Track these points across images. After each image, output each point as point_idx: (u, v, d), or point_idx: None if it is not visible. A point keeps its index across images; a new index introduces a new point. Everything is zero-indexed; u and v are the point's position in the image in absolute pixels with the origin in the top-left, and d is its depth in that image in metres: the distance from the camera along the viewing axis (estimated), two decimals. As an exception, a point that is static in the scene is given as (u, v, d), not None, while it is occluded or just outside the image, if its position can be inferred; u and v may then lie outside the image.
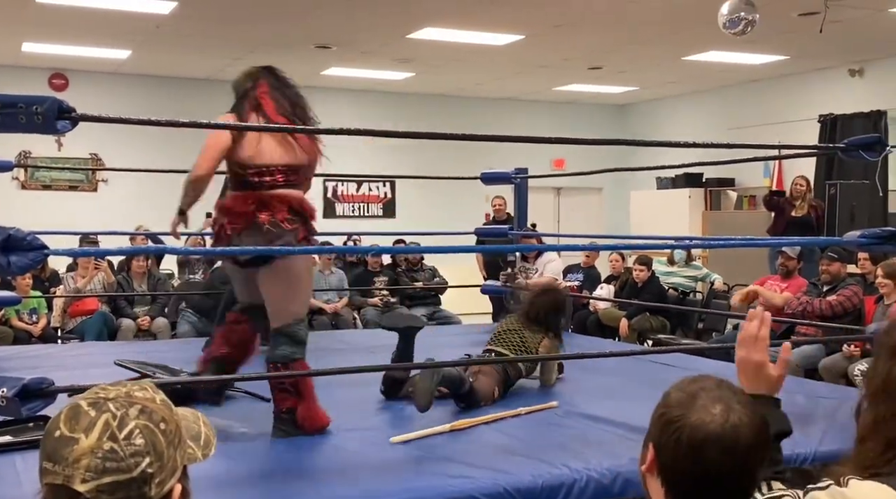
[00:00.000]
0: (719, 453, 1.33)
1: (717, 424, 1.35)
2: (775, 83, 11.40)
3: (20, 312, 7.20)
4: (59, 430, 1.07)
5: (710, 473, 1.34)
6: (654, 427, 1.43)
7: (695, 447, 1.34)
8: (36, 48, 9.68)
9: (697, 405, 1.38)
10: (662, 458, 1.38)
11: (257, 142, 3.30)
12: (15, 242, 2.41)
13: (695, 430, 1.35)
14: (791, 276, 6.56)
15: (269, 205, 3.26)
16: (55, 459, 1.06)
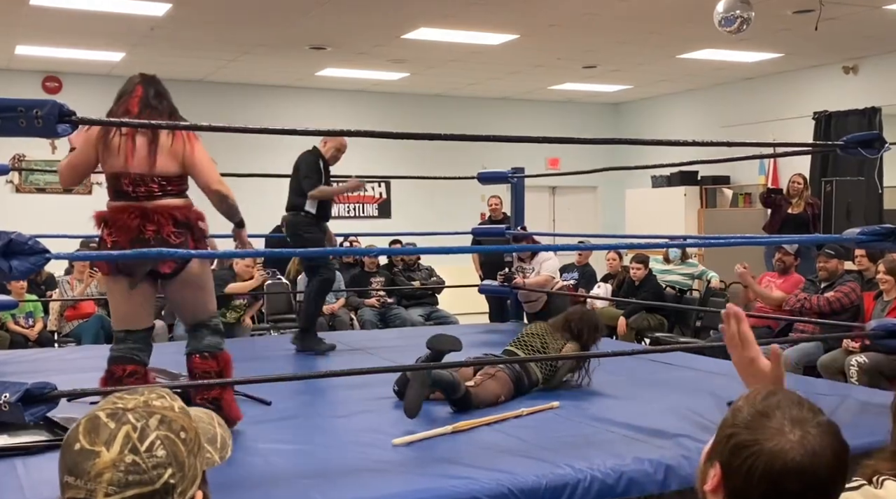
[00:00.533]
0: (799, 484, 1.23)
1: (796, 452, 1.23)
2: (769, 81, 11.42)
3: (16, 316, 7.17)
4: (78, 443, 1.06)
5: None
6: (720, 446, 1.31)
7: (772, 479, 1.23)
8: (29, 51, 9.64)
9: (771, 429, 1.26)
10: (732, 483, 1.28)
11: (128, 149, 3.26)
12: (16, 246, 2.39)
13: (772, 459, 1.24)
14: (788, 272, 6.58)
15: (151, 218, 3.25)
16: (77, 473, 1.04)
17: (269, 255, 7.80)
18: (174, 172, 3.33)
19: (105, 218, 3.33)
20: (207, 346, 3.42)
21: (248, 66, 10.67)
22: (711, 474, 1.31)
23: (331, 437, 3.36)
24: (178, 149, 3.33)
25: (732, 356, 1.66)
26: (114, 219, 3.28)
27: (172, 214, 3.29)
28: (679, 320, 8.08)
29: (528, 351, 4.26)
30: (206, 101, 11.56)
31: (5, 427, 3.10)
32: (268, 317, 8.56)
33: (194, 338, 3.44)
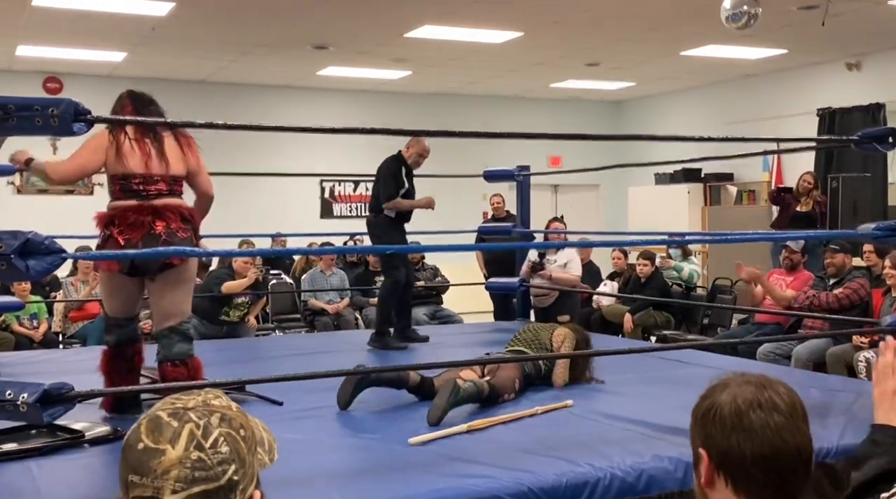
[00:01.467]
0: (765, 412, 1.31)
1: (750, 392, 1.34)
2: (773, 77, 11.40)
3: (20, 317, 7.15)
4: (141, 442, 1.06)
5: (758, 437, 1.30)
6: (694, 432, 1.38)
7: (737, 415, 1.31)
8: (30, 52, 9.61)
9: (724, 388, 1.37)
10: (715, 451, 1.32)
11: (149, 152, 3.51)
12: (33, 246, 2.37)
13: (732, 402, 1.33)
14: (796, 269, 6.56)
15: (162, 214, 3.46)
16: (142, 471, 1.05)
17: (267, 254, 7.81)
18: (181, 174, 3.61)
19: (114, 216, 3.46)
20: (178, 353, 3.54)
21: (249, 66, 10.64)
22: (701, 470, 1.35)
23: (346, 436, 3.34)
24: (184, 154, 3.60)
25: (879, 386, 1.60)
26: (124, 216, 3.43)
27: (180, 212, 3.53)
28: (686, 318, 8.07)
29: (525, 344, 4.37)
30: (208, 101, 11.54)
31: (12, 433, 3.11)
32: (272, 317, 8.55)
33: (165, 345, 3.55)
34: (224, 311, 7.21)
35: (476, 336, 6.19)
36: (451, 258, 8.83)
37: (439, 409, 3.44)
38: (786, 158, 10.75)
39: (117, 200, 3.50)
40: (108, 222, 3.46)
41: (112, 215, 3.47)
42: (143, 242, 3.36)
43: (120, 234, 3.39)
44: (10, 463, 2.93)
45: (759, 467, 1.30)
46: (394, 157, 5.86)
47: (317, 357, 5.38)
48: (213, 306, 7.13)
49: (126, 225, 3.40)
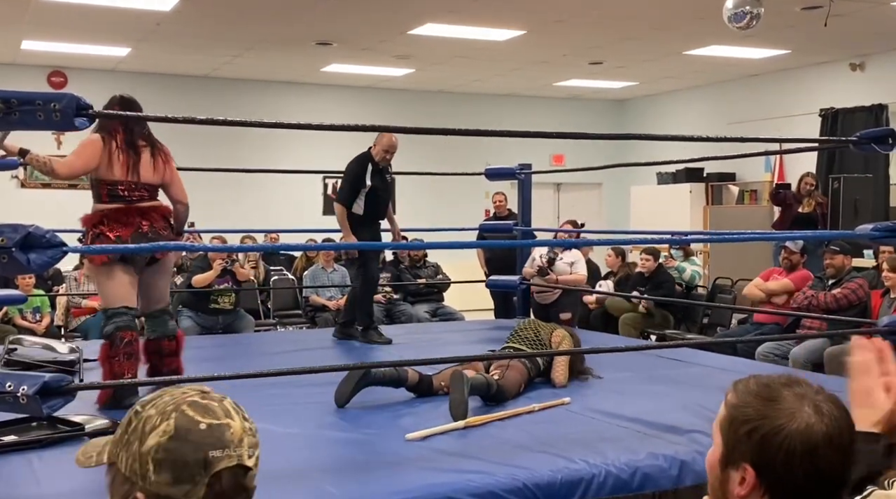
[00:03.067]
0: (834, 451, 1.28)
1: (822, 423, 1.28)
2: (776, 77, 11.40)
3: (23, 310, 7.18)
4: (202, 423, 1.14)
5: (824, 474, 1.28)
6: (742, 446, 1.31)
7: (811, 455, 1.27)
8: (35, 46, 9.64)
9: (788, 410, 1.29)
10: (769, 475, 1.29)
11: (130, 163, 3.92)
12: (34, 239, 2.40)
13: (805, 437, 1.27)
14: (795, 269, 6.57)
15: (147, 215, 3.94)
16: (221, 445, 1.14)
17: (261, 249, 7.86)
18: (157, 183, 4.05)
19: (104, 216, 3.86)
20: (172, 330, 4.16)
21: (253, 62, 10.66)
22: (738, 479, 1.31)
23: (343, 431, 3.36)
24: (161, 165, 4.03)
25: (853, 383, 1.59)
26: (114, 216, 3.86)
27: (162, 213, 4.04)
28: (686, 317, 8.08)
29: (526, 343, 4.39)
30: (212, 96, 11.56)
31: (13, 426, 3.14)
32: (274, 312, 8.57)
33: (159, 324, 4.11)
34: (212, 299, 7.29)
35: (476, 334, 6.21)
36: (452, 256, 8.87)
37: (461, 402, 3.46)
38: (788, 158, 10.76)
39: (104, 203, 3.88)
40: (98, 222, 3.84)
41: (102, 216, 3.85)
42: (132, 239, 3.78)
43: (111, 231, 3.80)
44: (10, 455, 2.96)
45: (810, 495, 1.30)
46: (361, 155, 5.85)
47: (320, 352, 5.41)
48: (200, 298, 7.24)
49: (116, 223, 3.82)
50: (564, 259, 6.93)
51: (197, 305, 7.32)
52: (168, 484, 1.12)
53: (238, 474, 1.15)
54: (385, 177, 5.88)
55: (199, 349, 5.74)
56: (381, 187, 5.81)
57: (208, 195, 11.39)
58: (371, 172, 5.73)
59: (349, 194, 5.70)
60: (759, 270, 7.57)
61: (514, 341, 4.44)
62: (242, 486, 1.16)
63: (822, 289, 6.06)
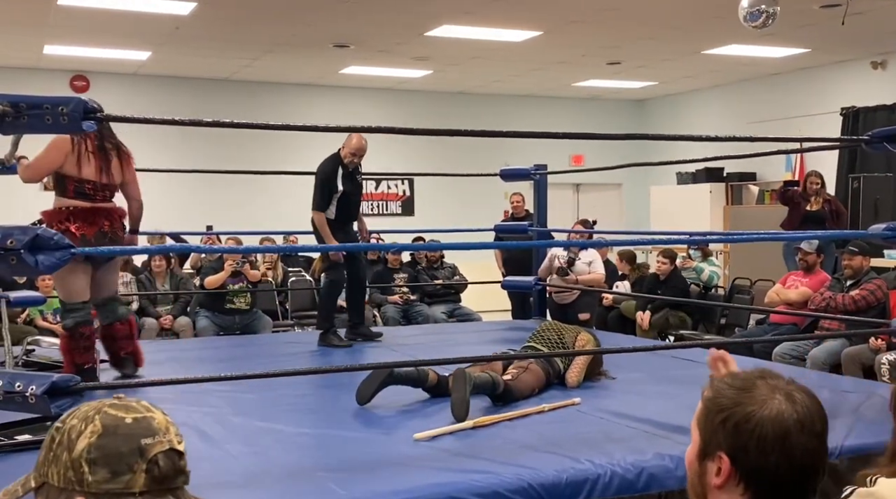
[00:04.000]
0: (807, 437, 1.31)
1: (792, 409, 1.32)
2: (796, 76, 11.31)
3: (44, 312, 7.27)
4: (126, 417, 1.19)
5: (797, 460, 1.30)
6: (716, 436, 1.34)
7: (782, 438, 1.30)
8: (57, 50, 9.76)
9: (760, 398, 1.33)
10: (744, 462, 1.31)
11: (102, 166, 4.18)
12: (42, 241, 2.43)
13: (777, 421, 1.30)
14: (812, 270, 6.51)
15: (110, 216, 4.23)
16: (152, 432, 1.18)
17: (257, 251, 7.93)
18: (118, 184, 4.31)
19: (70, 214, 4.09)
20: (123, 314, 4.41)
21: (272, 65, 10.73)
22: (714, 470, 1.33)
23: (352, 431, 3.38)
24: (122, 168, 4.29)
25: None
26: (84, 215, 4.10)
27: (120, 214, 4.33)
28: (703, 318, 8.03)
29: (547, 343, 4.35)
30: (231, 99, 11.65)
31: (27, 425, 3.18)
32: (291, 313, 8.62)
33: (111, 310, 4.36)
34: (228, 300, 7.35)
35: (492, 334, 6.21)
36: (470, 257, 8.88)
37: (462, 401, 3.47)
38: (808, 157, 10.66)
39: (69, 198, 4.11)
40: (64, 218, 4.07)
41: (68, 213, 4.09)
42: (96, 237, 4.06)
43: (77, 229, 4.04)
44: (24, 453, 3.00)
45: (788, 484, 1.32)
46: (330, 158, 5.80)
47: (336, 352, 5.44)
48: (216, 298, 7.30)
49: (83, 222, 4.08)
50: (582, 259, 6.91)
51: (213, 306, 7.41)
52: (107, 480, 1.14)
53: (173, 457, 1.18)
54: (355, 179, 5.83)
55: (216, 349, 5.81)
56: (352, 191, 5.77)
57: (227, 197, 11.51)
58: (342, 175, 5.68)
59: (322, 201, 5.65)
60: (778, 271, 7.51)
61: (536, 342, 4.40)
62: (179, 468, 1.19)
63: (840, 290, 6.00)
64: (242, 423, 3.47)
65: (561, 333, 4.42)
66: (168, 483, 1.17)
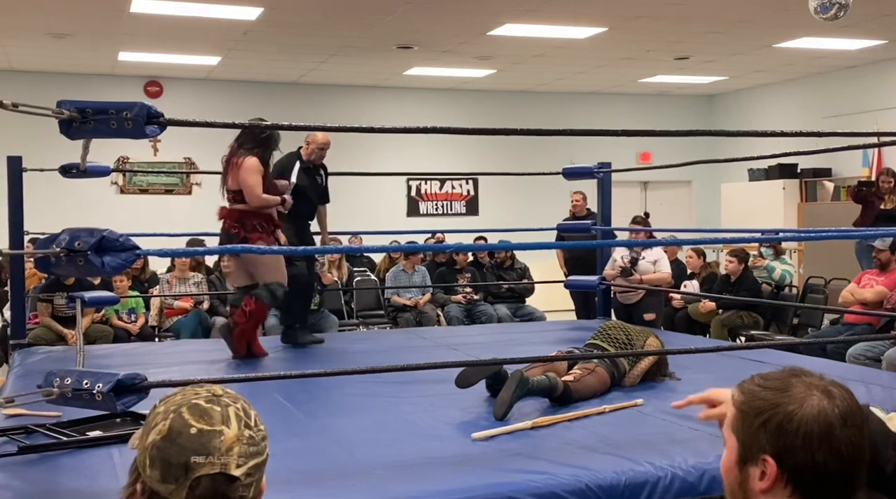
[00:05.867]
0: (851, 430, 1.30)
1: (832, 405, 1.30)
2: (873, 69, 10.94)
3: (119, 311, 7.50)
4: (193, 427, 1.16)
5: (844, 454, 1.29)
6: (759, 439, 1.31)
7: (827, 434, 1.28)
8: (131, 57, 10.06)
9: (798, 396, 1.31)
10: (791, 463, 1.29)
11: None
12: (108, 243, 2.51)
13: (820, 417, 1.29)
14: (887, 269, 6.31)
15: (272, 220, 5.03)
16: (206, 452, 1.16)
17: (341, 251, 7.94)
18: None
19: (255, 216, 4.95)
20: (256, 294, 4.99)
21: (337, 68, 10.86)
22: (758, 474, 1.31)
23: (412, 430, 3.39)
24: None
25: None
26: (264, 219, 4.98)
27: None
28: (776, 318, 7.83)
29: (614, 343, 4.26)
30: (298, 102, 11.84)
31: (98, 421, 3.29)
32: (357, 313, 8.71)
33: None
34: None
35: (554, 334, 6.16)
36: (536, 256, 8.86)
37: (504, 403, 3.46)
38: (887, 152, 10.31)
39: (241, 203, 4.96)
40: (236, 219, 4.92)
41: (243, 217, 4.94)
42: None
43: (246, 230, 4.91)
44: (94, 449, 3.10)
45: (836, 482, 1.30)
46: (289, 153, 5.66)
47: (395, 353, 5.47)
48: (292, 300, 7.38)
49: (247, 225, 4.93)
50: (647, 258, 6.81)
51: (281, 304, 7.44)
52: (157, 481, 1.17)
53: (219, 482, 1.16)
54: (316, 177, 5.70)
55: (282, 348, 5.89)
56: (310, 187, 5.63)
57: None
58: (298, 170, 5.57)
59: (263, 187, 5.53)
60: (852, 270, 7.29)
61: (601, 340, 4.32)
62: (224, 494, 1.17)
63: (918, 288, 5.80)
64: (302, 420, 3.52)
65: (629, 335, 4.33)
66: None
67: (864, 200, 7.82)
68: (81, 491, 2.70)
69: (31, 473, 2.85)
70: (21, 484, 2.74)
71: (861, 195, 7.87)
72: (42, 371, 3.06)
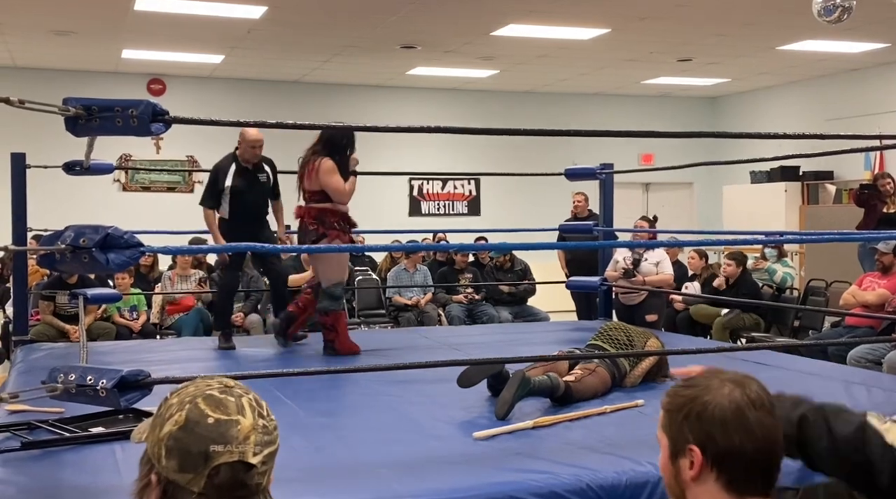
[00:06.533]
0: (761, 412, 1.44)
1: (743, 392, 1.45)
2: (875, 72, 10.95)
3: (121, 309, 7.52)
4: (210, 416, 1.19)
5: (757, 435, 1.42)
6: (684, 431, 1.46)
7: (740, 417, 1.42)
8: (135, 55, 10.08)
9: (712, 388, 1.47)
10: (713, 448, 1.42)
11: None
12: (113, 240, 2.52)
13: (731, 402, 1.43)
14: (889, 271, 6.31)
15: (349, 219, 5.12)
16: (224, 440, 1.19)
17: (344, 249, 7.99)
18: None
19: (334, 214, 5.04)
20: (322, 308, 5.08)
21: (341, 67, 10.87)
22: (687, 464, 1.45)
23: (414, 429, 3.40)
24: None
25: None
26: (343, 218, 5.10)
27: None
28: (776, 320, 7.84)
29: (615, 344, 4.26)
30: (302, 101, 11.85)
31: (101, 418, 3.30)
32: (358, 312, 8.72)
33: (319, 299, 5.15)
34: None
35: (556, 335, 6.16)
36: (537, 256, 8.86)
37: (506, 403, 3.46)
38: (889, 155, 10.31)
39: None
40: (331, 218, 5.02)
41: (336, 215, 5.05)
42: None
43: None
44: (97, 445, 3.11)
45: (756, 463, 1.43)
46: (226, 155, 5.47)
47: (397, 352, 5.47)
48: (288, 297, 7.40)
49: (325, 223, 5.02)
50: (649, 259, 6.83)
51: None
52: (174, 471, 1.19)
53: (238, 470, 1.19)
54: (256, 177, 5.44)
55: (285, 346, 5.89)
56: (247, 189, 5.35)
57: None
58: (234, 172, 5.31)
59: (209, 197, 5.39)
60: (853, 272, 7.29)
61: (602, 340, 4.32)
62: (242, 482, 1.19)
63: (919, 291, 5.80)
64: (305, 418, 3.52)
65: (630, 336, 4.33)
66: (227, 494, 1.19)
67: (866, 203, 7.82)
68: (84, 487, 2.71)
69: (34, 468, 2.86)
70: (24, 480, 2.75)
71: (863, 198, 7.87)
72: (44, 368, 3.08)
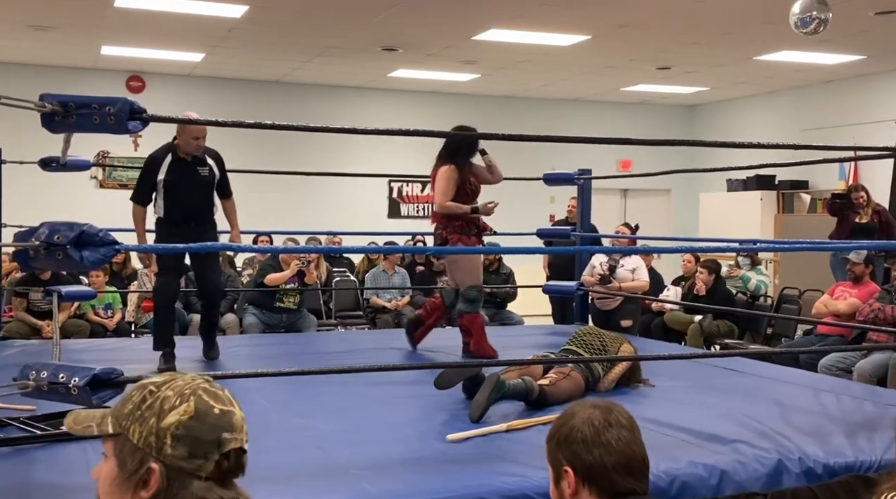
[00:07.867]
0: (619, 429, 1.64)
1: (599, 413, 1.66)
2: (851, 84, 11.09)
3: (96, 306, 7.46)
4: (215, 408, 1.29)
5: (615, 448, 1.61)
6: (559, 456, 1.65)
7: (598, 433, 1.61)
8: (114, 51, 10.01)
9: (576, 413, 1.68)
10: (580, 466, 1.61)
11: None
12: (87, 237, 2.51)
13: (589, 422, 1.64)
14: (860, 281, 6.40)
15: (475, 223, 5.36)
16: (232, 429, 1.30)
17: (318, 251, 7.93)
18: None
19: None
20: (458, 311, 5.19)
21: (322, 68, 10.86)
22: (566, 486, 1.63)
23: (386, 430, 3.41)
24: None
25: None
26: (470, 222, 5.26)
27: None
28: (750, 327, 7.92)
29: (589, 349, 4.30)
30: (282, 101, 11.82)
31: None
32: (335, 313, 8.71)
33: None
34: (278, 298, 7.45)
35: (531, 339, 6.19)
36: (520, 261, 8.90)
37: (480, 406, 3.48)
38: (863, 166, 10.45)
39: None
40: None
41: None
42: None
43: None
44: (68, 443, 3.09)
45: (617, 473, 1.61)
46: (164, 145, 4.88)
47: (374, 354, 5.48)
48: (267, 296, 7.41)
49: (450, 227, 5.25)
50: (626, 266, 6.90)
51: (263, 304, 7.48)
52: (183, 458, 1.25)
53: (240, 456, 1.31)
54: (196, 170, 4.84)
55: (260, 346, 5.90)
56: (182, 184, 4.78)
57: (279, 197, 11.66)
58: (169, 164, 4.75)
59: (139, 191, 4.82)
60: (826, 281, 7.38)
61: (576, 346, 4.35)
62: (242, 465, 1.32)
63: (890, 302, 5.88)
64: (278, 419, 3.52)
65: (604, 341, 4.37)
66: (230, 476, 1.29)
67: (839, 212, 7.92)
68: (55, 485, 2.70)
69: (4, 466, 2.85)
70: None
71: (836, 208, 7.97)
72: (17, 364, 3.05)
